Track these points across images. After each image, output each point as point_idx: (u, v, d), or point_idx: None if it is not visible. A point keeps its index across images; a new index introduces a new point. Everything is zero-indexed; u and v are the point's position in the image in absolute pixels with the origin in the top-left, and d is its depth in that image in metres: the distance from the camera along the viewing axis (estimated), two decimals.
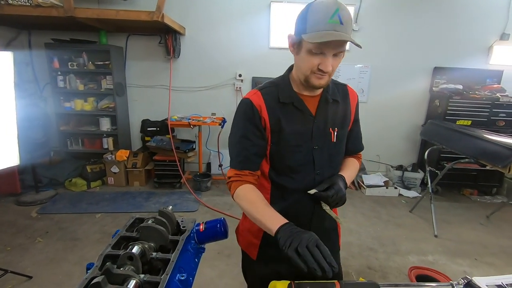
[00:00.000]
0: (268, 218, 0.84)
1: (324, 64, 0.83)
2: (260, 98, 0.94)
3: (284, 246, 0.74)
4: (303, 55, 0.86)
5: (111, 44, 3.75)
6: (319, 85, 0.88)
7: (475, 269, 2.39)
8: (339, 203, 0.91)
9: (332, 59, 0.83)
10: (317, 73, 0.86)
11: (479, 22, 3.86)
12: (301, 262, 0.70)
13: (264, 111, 0.93)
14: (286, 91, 0.95)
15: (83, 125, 3.89)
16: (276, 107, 0.94)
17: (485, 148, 2.56)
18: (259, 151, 0.96)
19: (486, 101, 3.70)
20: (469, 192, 3.97)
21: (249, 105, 0.93)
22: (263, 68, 3.90)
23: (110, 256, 0.86)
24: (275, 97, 0.94)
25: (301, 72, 0.89)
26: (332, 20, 0.77)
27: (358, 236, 2.82)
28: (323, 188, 0.91)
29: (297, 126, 0.94)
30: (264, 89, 0.96)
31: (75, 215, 2.98)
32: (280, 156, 0.95)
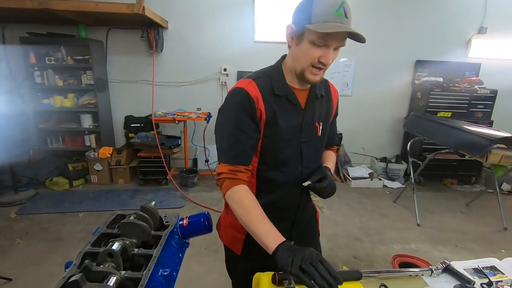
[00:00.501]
0: (264, 232, 0.82)
1: (326, 56, 0.82)
2: (255, 88, 0.89)
3: (285, 265, 0.72)
4: (304, 46, 0.83)
5: (91, 38, 3.63)
6: (314, 81, 0.88)
7: (455, 255, 2.48)
8: (330, 194, 0.93)
9: (333, 52, 0.84)
10: (315, 67, 0.85)
11: (458, 16, 3.96)
12: (308, 280, 0.68)
13: (261, 103, 0.89)
14: (280, 82, 0.93)
15: (64, 122, 3.77)
16: (271, 99, 0.91)
17: (464, 138, 2.65)
18: (253, 145, 0.91)
19: (465, 93, 3.82)
20: (450, 181, 4.11)
21: (245, 96, 0.87)
22: (248, 62, 3.87)
23: (89, 253, 0.84)
24: (269, 89, 0.91)
25: (299, 64, 0.87)
26: (338, 13, 0.77)
27: (344, 227, 2.87)
28: (315, 179, 0.93)
29: (289, 120, 0.93)
30: (258, 79, 0.92)
31: (57, 215, 2.90)
32: (272, 149, 0.94)
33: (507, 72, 4.15)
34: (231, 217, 1.04)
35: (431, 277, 0.96)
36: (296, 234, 1.04)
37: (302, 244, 1.06)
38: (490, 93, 3.83)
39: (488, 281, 0.94)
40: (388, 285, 0.89)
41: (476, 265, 1.03)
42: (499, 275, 1.00)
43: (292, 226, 1.02)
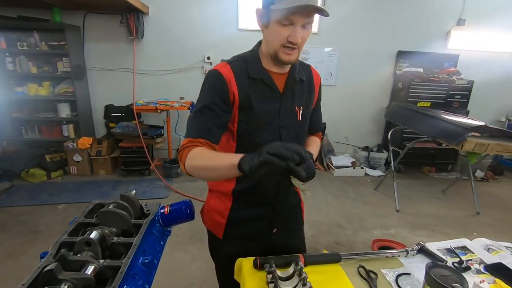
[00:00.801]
0: (225, 158, 0.77)
1: (294, 35, 0.81)
2: (229, 71, 0.89)
3: (252, 161, 0.68)
4: (272, 27, 0.83)
5: (66, 23, 3.45)
6: (289, 60, 0.87)
7: (431, 238, 2.60)
8: (310, 177, 0.91)
9: (301, 30, 0.82)
10: (286, 47, 0.84)
11: (438, 8, 4.04)
12: (276, 159, 0.65)
13: (234, 85, 0.89)
14: (256, 66, 0.92)
15: (39, 112, 3.61)
16: (246, 82, 0.91)
17: (441, 127, 2.73)
18: (220, 124, 0.90)
19: (444, 84, 3.93)
20: (428, 169, 4.26)
21: (218, 76, 0.88)
22: (233, 50, 3.73)
23: (66, 243, 0.82)
24: (244, 72, 0.91)
25: (271, 46, 0.87)
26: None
27: (327, 215, 2.94)
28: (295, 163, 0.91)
29: (265, 103, 0.92)
30: (234, 63, 0.92)
31: (34, 207, 2.80)
32: (248, 133, 0.93)
33: (483, 63, 4.29)
34: (214, 201, 1.06)
35: (406, 257, 1.00)
36: (278, 220, 1.04)
37: (285, 232, 1.08)
38: (467, 84, 3.96)
39: (459, 260, 0.99)
40: (366, 266, 0.92)
41: (449, 246, 1.08)
42: (469, 254, 1.05)
43: (273, 211, 1.02)
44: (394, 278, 0.89)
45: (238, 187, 0.98)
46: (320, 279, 0.85)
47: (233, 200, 1.00)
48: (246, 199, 1.00)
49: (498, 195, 3.65)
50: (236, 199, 1.00)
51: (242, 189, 0.97)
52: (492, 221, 2.99)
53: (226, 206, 1.01)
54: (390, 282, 0.88)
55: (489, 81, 4.29)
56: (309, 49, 4.02)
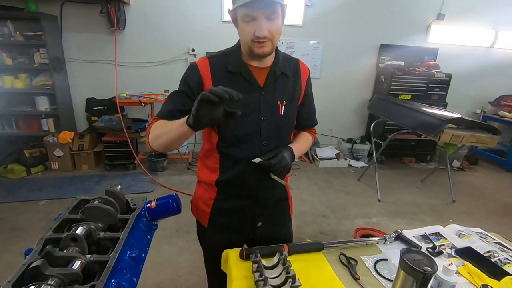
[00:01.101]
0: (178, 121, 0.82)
1: (259, 29, 0.83)
2: (206, 65, 0.94)
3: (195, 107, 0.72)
4: (240, 25, 0.87)
5: (42, 12, 3.30)
6: (263, 53, 0.89)
7: (410, 226, 2.70)
8: (283, 172, 0.94)
9: (267, 23, 0.84)
10: (256, 41, 0.86)
11: (419, 2, 4.13)
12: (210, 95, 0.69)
13: (208, 79, 0.93)
14: (235, 60, 0.95)
15: (16, 105, 3.46)
16: (223, 76, 0.94)
17: (420, 119, 2.84)
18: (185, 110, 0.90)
19: (424, 77, 4.06)
20: (408, 160, 4.42)
21: (194, 69, 0.95)
22: (217, 42, 3.76)
23: (51, 240, 0.82)
24: (223, 66, 0.94)
25: (244, 43, 0.90)
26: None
27: (312, 205, 3.01)
28: (268, 157, 0.94)
29: (244, 96, 0.94)
30: (213, 58, 0.96)
31: (14, 204, 2.72)
32: (227, 126, 0.96)
33: (461, 57, 4.45)
34: (200, 190, 1.10)
35: (384, 244, 1.06)
36: (262, 213, 1.07)
37: (271, 226, 1.10)
38: (445, 77, 4.10)
39: (432, 245, 1.06)
40: (346, 253, 0.97)
41: (424, 232, 1.15)
42: (442, 240, 1.12)
43: (256, 203, 1.04)
44: (372, 264, 0.95)
45: (221, 178, 1.01)
46: (304, 266, 0.89)
47: (217, 190, 1.04)
48: (229, 191, 1.03)
49: (473, 183, 3.85)
50: (220, 189, 1.04)
51: (225, 180, 1.01)
52: (467, 208, 3.15)
53: (210, 196, 1.05)
54: (369, 268, 0.93)
55: (466, 75, 4.46)
56: (294, 42, 4.04)
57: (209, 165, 1.04)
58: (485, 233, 1.19)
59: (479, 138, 2.62)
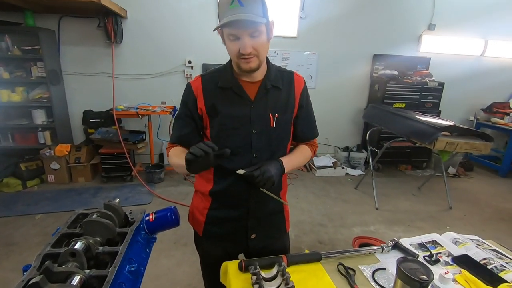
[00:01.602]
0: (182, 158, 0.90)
1: (242, 47, 0.88)
2: (199, 83, 1.01)
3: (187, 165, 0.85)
4: (227, 44, 0.93)
5: (40, 27, 3.34)
6: (250, 68, 0.92)
7: (408, 233, 2.73)
8: (266, 184, 0.93)
9: (250, 40, 0.88)
10: (242, 58, 0.90)
11: (411, 13, 4.24)
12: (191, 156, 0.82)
13: (200, 97, 1.00)
14: (226, 76, 0.99)
15: (12, 119, 3.46)
16: (214, 92, 0.99)
17: (414, 127, 2.88)
18: (192, 132, 1.05)
19: (417, 85, 4.13)
20: (404, 167, 4.45)
21: (188, 89, 1.03)
22: (213, 54, 3.83)
23: (50, 255, 0.82)
24: (215, 83, 1.00)
25: (232, 60, 0.96)
26: (232, 5, 0.84)
27: (310, 214, 3.01)
28: (252, 169, 0.95)
29: (234, 110, 0.98)
30: (206, 75, 1.03)
31: (9, 218, 2.69)
32: (219, 138, 0.99)
33: (453, 66, 4.54)
34: (196, 200, 1.13)
35: (382, 253, 1.07)
36: (254, 225, 1.07)
37: (265, 239, 1.11)
38: (438, 85, 4.18)
39: (429, 253, 1.07)
40: (345, 263, 0.97)
41: (420, 241, 1.16)
42: (439, 248, 1.14)
43: (247, 215, 1.06)
44: (370, 274, 0.95)
45: (215, 188, 1.04)
46: (302, 277, 0.89)
47: (211, 200, 1.07)
48: (222, 200, 1.06)
49: (469, 190, 3.88)
50: (214, 199, 1.06)
51: (218, 190, 1.04)
52: (464, 214, 3.17)
53: (205, 205, 1.08)
54: (367, 277, 0.94)
55: (458, 82, 4.56)
56: (289, 53, 4.11)
57: (204, 176, 1.08)
58: (481, 240, 1.21)
59: (473, 145, 2.66)
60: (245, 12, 0.83)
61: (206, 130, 1.04)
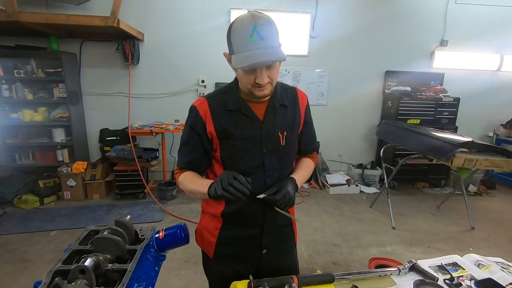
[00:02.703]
0: (201, 185, 0.92)
1: (259, 78, 0.86)
2: (206, 106, 0.97)
3: (214, 193, 0.83)
4: (239, 73, 0.90)
5: (63, 51, 3.54)
6: (263, 95, 0.92)
7: (427, 255, 2.59)
8: (287, 206, 0.93)
9: (266, 71, 0.86)
10: (256, 87, 0.89)
11: (422, 30, 4.25)
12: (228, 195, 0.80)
13: (210, 120, 0.97)
14: (233, 98, 0.98)
15: (34, 137, 3.61)
16: (223, 114, 0.97)
17: (431, 144, 2.81)
18: (201, 156, 1.02)
19: (431, 101, 4.06)
20: (422, 185, 4.30)
21: (194, 113, 0.98)
22: (226, 73, 3.88)
23: (60, 272, 0.82)
24: (222, 105, 0.97)
25: (243, 86, 0.93)
26: (252, 39, 0.80)
27: (323, 234, 2.92)
28: (272, 192, 0.93)
29: (245, 131, 0.97)
30: (212, 98, 1.00)
31: (25, 235, 2.74)
32: (231, 160, 0.98)
33: (468, 81, 4.47)
34: (205, 221, 1.09)
35: (399, 276, 1.02)
36: (267, 242, 1.06)
37: (275, 253, 1.08)
38: (453, 101, 4.10)
39: (450, 276, 1.01)
40: (359, 286, 0.93)
41: (440, 262, 1.10)
42: (460, 271, 1.07)
43: (261, 233, 1.04)
44: None
45: (226, 209, 1.02)
46: None
47: (222, 221, 1.04)
48: (235, 221, 1.03)
49: (492, 209, 3.69)
50: (225, 220, 1.04)
51: (230, 211, 1.01)
52: (488, 235, 3.00)
53: (216, 226, 1.05)
54: None
55: (474, 98, 4.46)
56: (301, 71, 4.16)
57: None
58: (507, 263, 1.13)
59: (493, 162, 2.55)
60: (266, 47, 0.80)
61: (216, 153, 1.01)
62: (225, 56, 0.93)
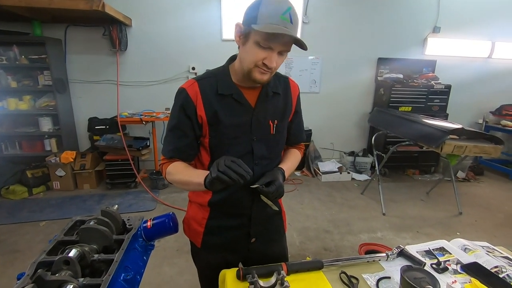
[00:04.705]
0: (195, 175, 0.89)
1: (270, 59, 0.82)
2: (196, 88, 0.92)
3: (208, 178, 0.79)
4: (249, 46, 0.83)
5: (47, 36, 3.41)
6: (261, 80, 0.87)
7: (416, 240, 2.65)
8: (278, 197, 0.94)
9: (277, 56, 0.84)
10: (260, 68, 0.85)
11: (415, 16, 4.21)
12: (226, 177, 0.75)
13: (200, 104, 0.92)
14: (225, 82, 0.93)
15: (20, 126, 3.51)
16: (214, 99, 0.92)
17: (421, 131, 2.83)
18: (191, 143, 0.97)
19: (423, 89, 4.07)
20: (412, 172, 4.37)
21: (183, 95, 0.92)
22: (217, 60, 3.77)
23: (45, 263, 0.81)
24: (213, 89, 0.93)
25: (245, 64, 0.87)
26: (283, 17, 0.78)
27: (315, 221, 2.96)
28: (265, 182, 0.91)
29: (235, 118, 0.94)
30: (202, 80, 0.94)
31: (14, 225, 2.71)
32: (219, 148, 0.95)
33: (459, 68, 4.48)
34: (193, 210, 1.08)
35: (387, 261, 1.03)
36: (255, 231, 1.05)
37: (264, 242, 1.08)
38: (445, 88, 4.12)
39: (437, 261, 1.02)
40: (347, 272, 0.94)
41: (427, 248, 1.12)
42: (447, 255, 1.09)
43: (249, 222, 1.03)
44: (374, 283, 0.91)
45: (213, 198, 1.00)
46: (302, 286, 0.86)
47: (210, 210, 1.03)
48: (222, 210, 1.02)
49: (479, 194, 3.77)
50: (212, 209, 1.02)
51: (217, 200, 0.99)
52: (475, 220, 3.08)
53: (203, 215, 1.04)
54: (371, 287, 0.90)
55: (465, 85, 4.49)
56: (293, 58, 4.10)
57: None
58: (492, 247, 1.15)
59: (482, 149, 2.59)
60: (292, 31, 0.79)
61: (205, 139, 0.96)
62: (236, 27, 0.87)
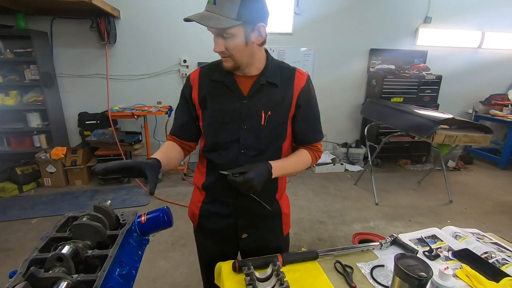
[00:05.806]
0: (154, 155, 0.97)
1: (215, 45, 0.87)
2: (197, 74, 1.00)
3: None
4: None
5: (32, 29, 3.30)
6: (226, 67, 0.92)
7: (408, 229, 2.71)
8: (248, 191, 0.88)
9: (221, 40, 0.85)
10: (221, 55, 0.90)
11: (406, 6, 4.20)
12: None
13: (195, 87, 0.99)
14: (221, 70, 0.96)
15: (7, 123, 3.42)
16: (207, 84, 0.98)
17: (413, 121, 2.86)
18: (187, 123, 1.04)
19: (415, 79, 4.10)
20: (404, 162, 4.43)
21: (187, 80, 1.02)
22: (208, 53, 3.77)
23: (37, 260, 0.79)
24: (209, 75, 0.98)
25: None
26: (209, 1, 0.82)
27: (309, 212, 2.99)
28: (236, 172, 0.89)
29: (223, 104, 0.96)
30: (205, 67, 1.01)
31: (5, 224, 2.66)
32: (209, 131, 0.99)
33: (450, 58, 4.52)
34: (194, 193, 1.13)
35: (380, 250, 1.04)
36: (242, 224, 1.04)
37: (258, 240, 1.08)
38: (436, 79, 4.15)
39: (429, 248, 1.05)
40: (342, 261, 0.95)
41: (420, 236, 1.14)
42: (439, 243, 1.11)
43: (235, 212, 1.03)
44: (369, 271, 0.93)
45: (206, 182, 1.04)
46: (298, 277, 0.87)
47: (205, 194, 1.06)
48: (213, 195, 1.05)
49: (469, 183, 3.86)
50: (207, 193, 1.06)
51: (209, 184, 1.04)
52: (464, 208, 3.15)
53: (199, 198, 1.08)
54: (365, 275, 0.92)
55: (456, 75, 4.53)
56: (285, 49, 4.07)
57: (200, 169, 1.09)
58: (482, 234, 1.18)
59: (472, 138, 2.64)
60: (214, 11, 0.80)
61: (200, 121, 1.03)
62: None
